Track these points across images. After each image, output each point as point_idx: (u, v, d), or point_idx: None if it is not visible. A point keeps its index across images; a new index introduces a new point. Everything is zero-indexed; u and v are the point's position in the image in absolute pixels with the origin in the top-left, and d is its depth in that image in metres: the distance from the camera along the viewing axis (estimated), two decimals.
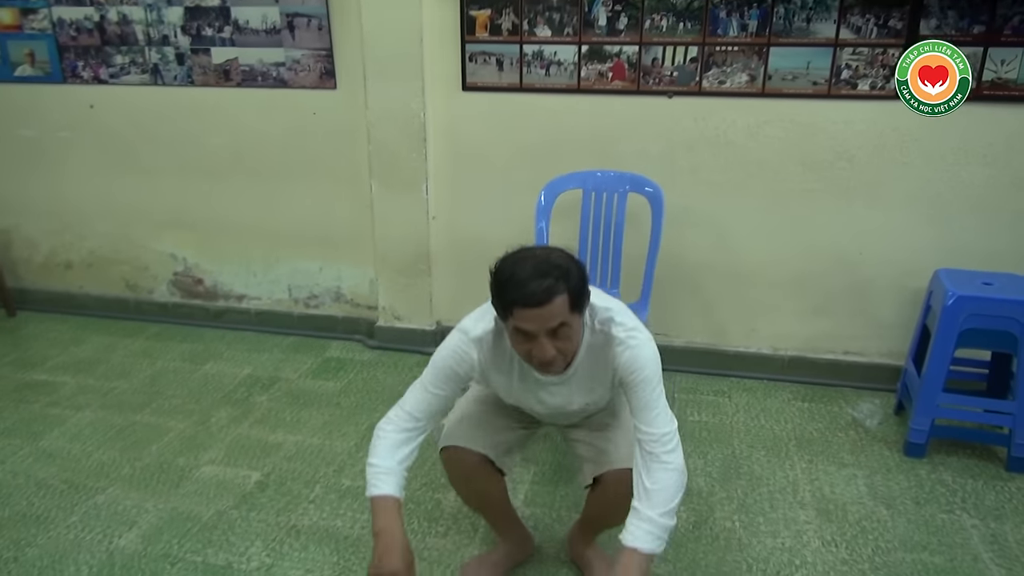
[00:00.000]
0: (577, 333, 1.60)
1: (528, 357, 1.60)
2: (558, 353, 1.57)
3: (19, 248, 3.91)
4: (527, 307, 1.49)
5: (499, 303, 1.56)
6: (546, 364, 1.58)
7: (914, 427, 2.61)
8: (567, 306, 1.52)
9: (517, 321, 1.53)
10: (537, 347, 1.54)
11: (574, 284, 1.52)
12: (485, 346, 1.72)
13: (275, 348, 3.52)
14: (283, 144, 3.40)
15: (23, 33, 3.50)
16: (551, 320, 1.51)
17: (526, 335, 1.54)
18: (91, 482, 2.52)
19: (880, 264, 2.98)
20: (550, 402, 1.79)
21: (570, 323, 1.54)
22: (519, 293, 1.49)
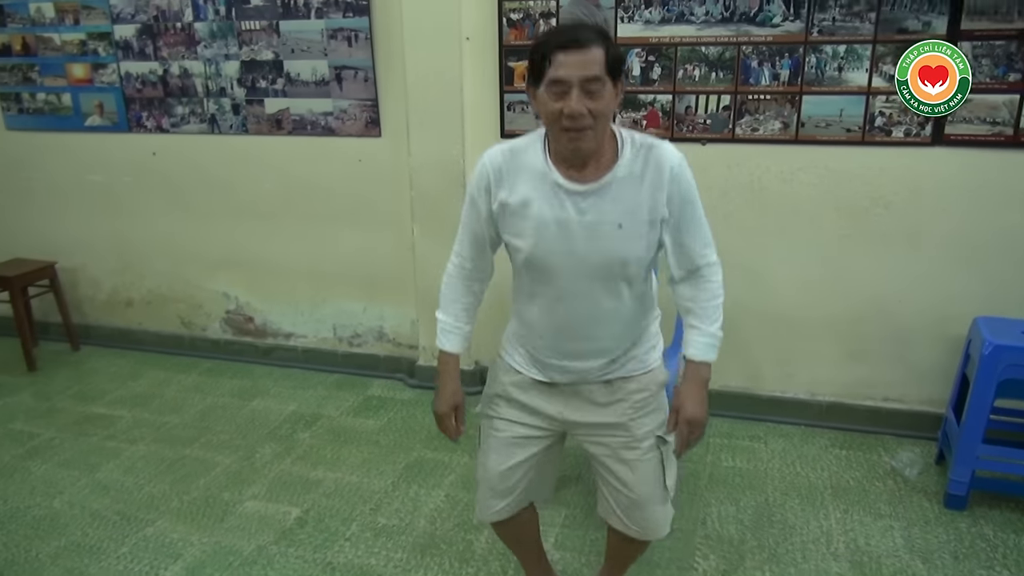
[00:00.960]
0: (610, 101, 1.54)
1: (558, 118, 1.52)
2: (588, 114, 1.50)
3: (84, 286, 4.14)
4: (566, 49, 1.48)
5: (536, 59, 1.53)
6: (576, 121, 1.50)
7: (954, 478, 2.56)
8: (603, 61, 1.50)
9: (554, 70, 1.49)
10: (568, 101, 1.49)
11: (611, 46, 1.53)
12: (503, 154, 1.66)
13: (319, 385, 3.64)
14: (330, 189, 3.55)
15: (93, 86, 3.75)
16: (588, 67, 1.48)
17: (561, 87, 1.49)
18: (142, 514, 2.65)
19: (919, 311, 2.94)
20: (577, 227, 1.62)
21: (604, 82, 1.51)
22: (559, 38, 1.50)
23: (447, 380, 1.84)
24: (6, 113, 3.94)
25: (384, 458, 2.98)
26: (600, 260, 1.64)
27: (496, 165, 1.65)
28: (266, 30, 3.41)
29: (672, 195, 1.62)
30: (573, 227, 1.62)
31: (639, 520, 1.85)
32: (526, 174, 1.63)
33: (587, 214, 1.61)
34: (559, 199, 1.61)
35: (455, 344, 1.84)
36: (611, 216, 1.61)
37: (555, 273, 1.66)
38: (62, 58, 3.75)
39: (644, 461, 1.80)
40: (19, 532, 2.56)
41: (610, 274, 1.66)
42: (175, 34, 3.54)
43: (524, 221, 1.64)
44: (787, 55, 2.83)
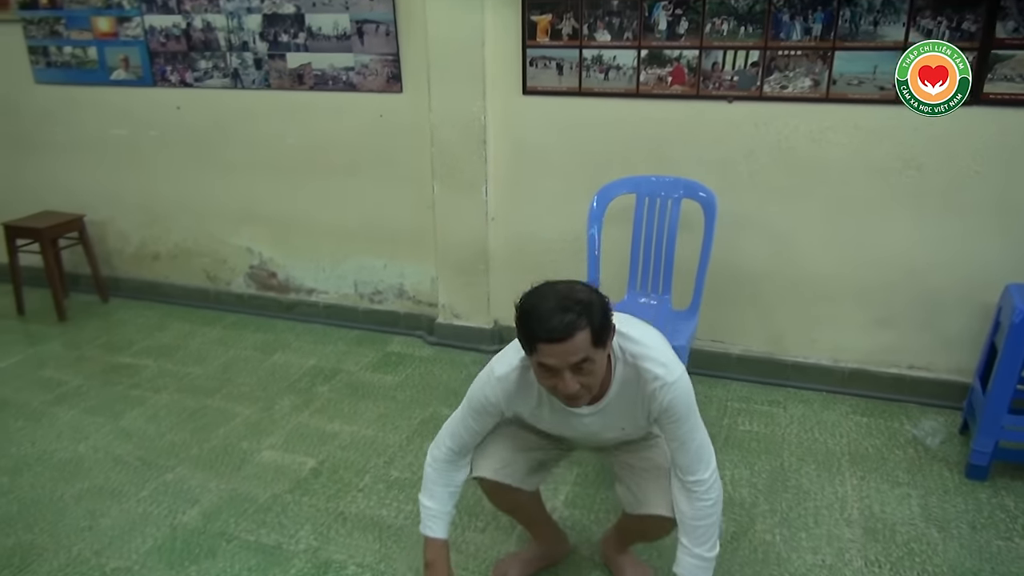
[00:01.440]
0: (601, 367, 1.59)
1: (553, 391, 1.61)
2: (582, 388, 1.57)
3: (113, 239, 4.20)
4: (550, 342, 1.50)
5: (523, 338, 1.57)
6: (570, 398, 1.60)
7: (976, 448, 2.50)
8: (589, 341, 1.52)
9: (540, 356, 1.54)
10: (561, 382, 1.55)
11: (596, 319, 1.52)
12: (510, 383, 1.74)
13: (340, 341, 3.67)
14: (351, 145, 3.54)
15: (119, 40, 3.76)
16: (573, 355, 1.51)
17: (550, 370, 1.55)
18: (162, 460, 2.71)
19: (950, 277, 2.86)
20: (584, 431, 1.80)
21: (593, 358, 1.54)
22: (541, 328, 1.50)
23: (441, 566, 1.86)
24: (34, 67, 3.97)
25: (400, 413, 3.00)
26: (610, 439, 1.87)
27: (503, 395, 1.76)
28: None
29: (660, 415, 1.69)
30: (578, 428, 1.80)
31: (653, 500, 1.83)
32: (533, 402, 1.77)
33: (591, 426, 1.78)
34: (561, 412, 1.75)
35: (443, 530, 1.89)
36: (613, 424, 1.78)
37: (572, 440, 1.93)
38: (87, 11, 3.76)
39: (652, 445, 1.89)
40: (45, 474, 2.63)
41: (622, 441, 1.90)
42: None
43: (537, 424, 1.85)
44: (820, 7, 2.72)
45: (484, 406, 1.78)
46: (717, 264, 2.95)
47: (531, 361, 1.59)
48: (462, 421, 1.85)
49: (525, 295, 1.58)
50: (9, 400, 3.13)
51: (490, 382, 1.76)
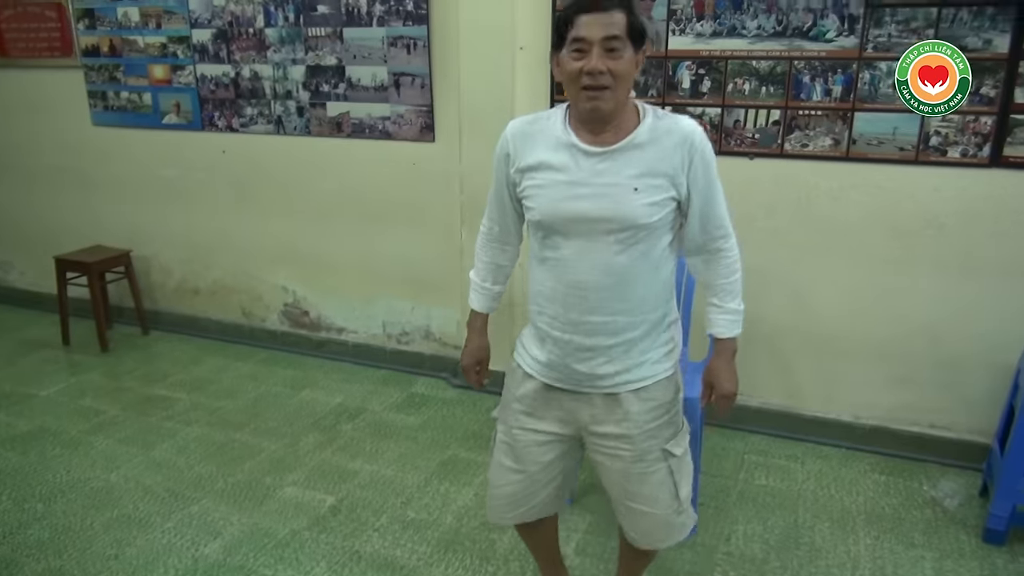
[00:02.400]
0: (630, 65, 1.58)
1: (578, 76, 1.57)
2: (608, 73, 1.55)
3: (156, 274, 4.39)
4: (589, 11, 1.55)
5: (560, 23, 1.60)
6: (595, 79, 1.56)
7: (994, 512, 2.47)
8: (625, 24, 1.57)
9: (575, 30, 1.56)
10: (589, 59, 1.55)
11: (634, 14, 1.59)
12: (524, 120, 1.75)
13: (366, 380, 3.76)
14: (385, 191, 3.67)
15: (172, 86, 3.98)
16: (609, 28, 1.55)
17: (581, 46, 1.56)
18: (189, 492, 2.81)
19: (971, 336, 2.85)
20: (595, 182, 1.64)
21: (625, 44, 1.57)
22: (583, 1, 1.57)
23: (473, 336, 2.03)
24: (93, 110, 4.22)
25: (420, 454, 3.07)
26: (614, 222, 1.64)
27: (515, 131, 1.74)
28: (331, 36, 3.55)
29: (695, 166, 1.65)
30: (587, 187, 1.64)
31: (641, 526, 1.86)
32: (545, 139, 1.69)
33: (603, 175, 1.64)
34: (575, 160, 1.65)
35: (483, 303, 2.01)
36: (627, 178, 1.63)
37: (567, 234, 1.68)
38: (145, 59, 3.99)
39: (651, 473, 1.80)
40: (77, 501, 2.75)
41: (622, 237, 1.65)
42: (247, 39, 3.72)
43: (538, 181, 1.69)
44: (840, 71, 2.78)
45: (500, 159, 1.78)
46: None
47: (563, 57, 1.60)
48: (492, 191, 1.86)
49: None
50: (49, 428, 3.28)
51: (506, 130, 1.77)
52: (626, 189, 1.62)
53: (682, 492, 1.83)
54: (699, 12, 2.91)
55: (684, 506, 1.85)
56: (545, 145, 1.68)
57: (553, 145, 1.67)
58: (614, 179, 1.63)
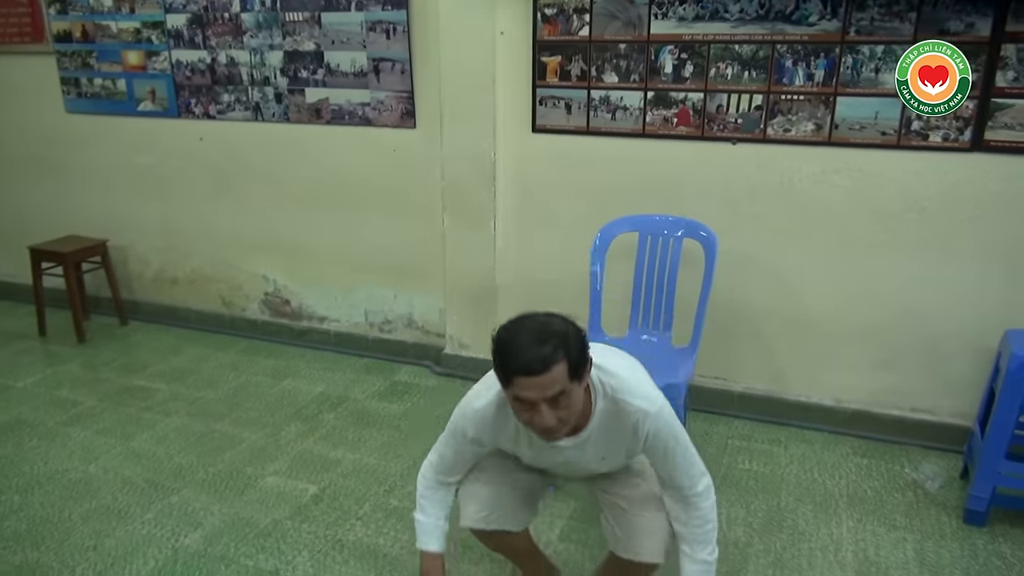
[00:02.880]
0: (578, 401, 1.59)
1: (530, 425, 1.59)
2: (559, 422, 1.56)
3: (134, 264, 4.33)
4: (526, 375, 1.49)
5: (499, 371, 1.56)
6: (547, 432, 1.58)
7: (974, 494, 2.49)
8: (566, 374, 1.51)
9: (516, 390, 1.52)
10: (537, 415, 1.53)
11: (573, 352, 1.52)
12: (487, 417, 1.75)
13: (349, 368, 3.73)
14: (366, 178, 3.63)
15: (147, 73, 3.91)
16: (550, 388, 1.50)
17: (525, 403, 1.54)
18: (169, 483, 2.77)
19: (952, 320, 2.87)
20: (564, 462, 1.81)
21: (569, 391, 1.54)
22: (517, 362, 1.50)
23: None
24: (66, 96, 4.13)
25: (403, 442, 3.05)
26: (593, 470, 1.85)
27: (480, 427, 1.77)
28: (308, 21, 3.50)
29: (649, 447, 1.71)
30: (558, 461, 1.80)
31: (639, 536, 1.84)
32: (511, 432, 1.76)
33: (572, 457, 1.77)
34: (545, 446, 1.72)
35: (437, 543, 1.92)
36: (594, 455, 1.77)
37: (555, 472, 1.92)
38: (118, 45, 3.92)
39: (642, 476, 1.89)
40: (55, 493, 2.71)
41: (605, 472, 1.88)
42: (223, 24, 3.66)
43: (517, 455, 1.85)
44: (822, 55, 2.78)
45: (465, 437, 1.79)
46: (721, 302, 2.99)
47: (507, 394, 1.58)
48: (447, 445, 1.86)
49: (501, 327, 1.57)
50: (26, 419, 3.22)
51: (467, 416, 1.77)
52: (595, 461, 1.79)
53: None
54: None
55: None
56: (513, 435, 1.77)
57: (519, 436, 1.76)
58: (579, 459, 1.78)
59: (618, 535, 1.88)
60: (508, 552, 2.11)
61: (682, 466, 1.73)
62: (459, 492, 1.94)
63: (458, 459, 1.87)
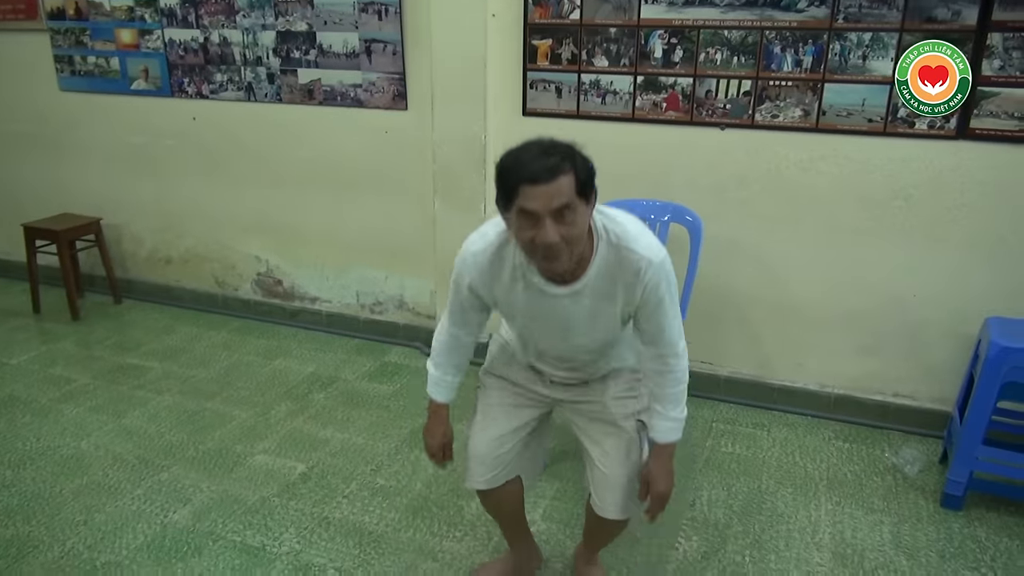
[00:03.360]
0: (583, 225, 1.53)
1: (532, 247, 1.52)
2: (562, 240, 1.49)
3: (128, 243, 4.35)
4: (533, 183, 1.44)
5: (503, 188, 1.50)
6: (550, 250, 1.50)
7: (951, 478, 2.53)
8: (573, 187, 1.47)
9: (522, 201, 1.46)
10: (541, 232, 1.47)
11: (581, 168, 1.49)
12: (484, 259, 1.70)
13: (340, 349, 3.77)
14: (357, 159, 3.64)
15: (140, 52, 3.90)
16: (557, 198, 1.45)
17: (530, 218, 1.48)
18: (159, 460, 2.81)
19: (935, 306, 2.89)
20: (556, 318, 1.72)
21: (575, 208, 1.48)
22: (525, 171, 1.45)
23: (439, 423, 1.99)
24: (60, 75, 4.13)
25: (391, 422, 3.09)
26: (579, 343, 1.80)
27: (474, 269, 1.72)
28: (301, 2, 3.49)
29: (645, 299, 1.68)
30: (551, 319, 1.74)
31: (612, 494, 1.90)
32: (507, 278, 1.70)
33: (567, 309, 1.70)
34: (542, 296, 1.69)
35: (446, 396, 1.98)
36: (586, 314, 1.71)
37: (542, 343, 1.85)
38: (111, 23, 3.91)
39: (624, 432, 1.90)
40: (47, 468, 2.75)
41: (589, 350, 1.84)
42: (216, 3, 3.65)
43: (511, 310, 1.78)
44: (811, 41, 2.78)
45: (462, 287, 1.76)
46: (708, 287, 3.02)
47: (510, 218, 1.53)
48: (452, 301, 1.84)
49: (505, 152, 1.53)
50: (19, 396, 3.26)
51: (466, 261, 1.73)
52: (584, 320, 1.72)
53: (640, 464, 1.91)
54: None
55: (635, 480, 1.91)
56: (509, 284, 1.71)
57: (517, 284, 1.70)
58: (575, 312, 1.70)
59: (588, 487, 1.96)
60: (504, 515, 2.14)
61: (670, 324, 1.73)
62: (467, 446, 1.98)
63: (463, 313, 1.83)
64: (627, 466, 1.89)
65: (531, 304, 1.72)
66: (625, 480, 1.88)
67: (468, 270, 1.73)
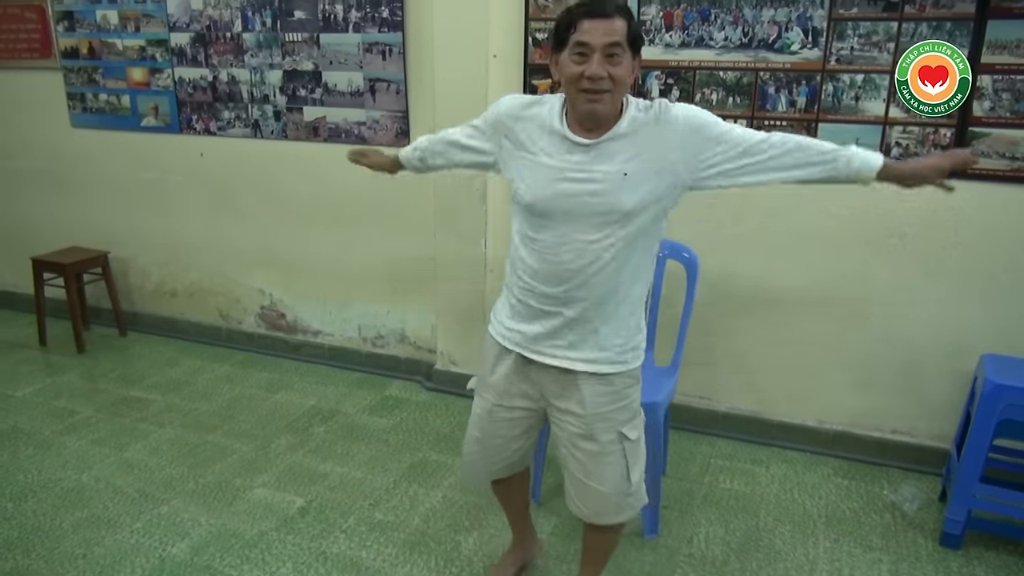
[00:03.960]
0: (627, 71, 1.67)
1: (579, 79, 1.65)
2: (607, 77, 1.64)
3: (134, 276, 4.40)
4: (592, 17, 1.64)
5: (562, 26, 1.68)
6: (596, 84, 1.64)
7: (950, 516, 2.53)
8: (625, 32, 1.65)
9: (579, 34, 1.64)
10: (589, 65, 1.63)
11: (632, 22, 1.68)
12: (522, 99, 1.87)
13: (341, 383, 3.79)
14: (360, 195, 3.70)
15: (150, 89, 4.00)
16: (611, 34, 1.63)
17: (583, 50, 1.64)
18: (159, 493, 2.83)
19: (931, 344, 2.91)
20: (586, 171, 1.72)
21: (623, 52, 1.66)
22: (587, 7, 1.65)
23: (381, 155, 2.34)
24: (71, 112, 4.23)
25: (391, 456, 3.10)
26: (602, 206, 1.72)
27: (511, 112, 1.84)
28: (307, 42, 3.58)
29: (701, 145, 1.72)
30: (578, 174, 1.73)
31: (591, 502, 1.95)
32: (538, 125, 1.78)
33: (593, 164, 1.72)
34: (567, 150, 1.74)
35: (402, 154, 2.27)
36: (616, 165, 1.71)
37: (554, 218, 1.76)
38: (123, 62, 4.01)
39: (606, 454, 1.90)
40: (48, 501, 2.76)
41: (609, 221, 1.73)
42: (225, 43, 3.75)
43: (530, 165, 1.78)
44: (804, 82, 2.84)
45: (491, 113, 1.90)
46: (705, 322, 3.04)
47: (562, 59, 1.68)
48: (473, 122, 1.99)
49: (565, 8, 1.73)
50: (23, 428, 3.29)
51: (506, 98, 1.90)
52: (616, 176, 1.71)
53: (633, 476, 1.93)
54: (668, 23, 2.96)
55: (635, 488, 1.95)
56: (538, 131, 1.78)
57: (546, 133, 1.77)
58: (603, 167, 1.71)
59: (572, 495, 2.00)
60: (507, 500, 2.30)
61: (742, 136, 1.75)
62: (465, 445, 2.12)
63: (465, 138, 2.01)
64: (617, 481, 1.92)
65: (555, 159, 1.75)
66: (619, 493, 1.92)
67: (508, 100, 1.88)
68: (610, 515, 1.96)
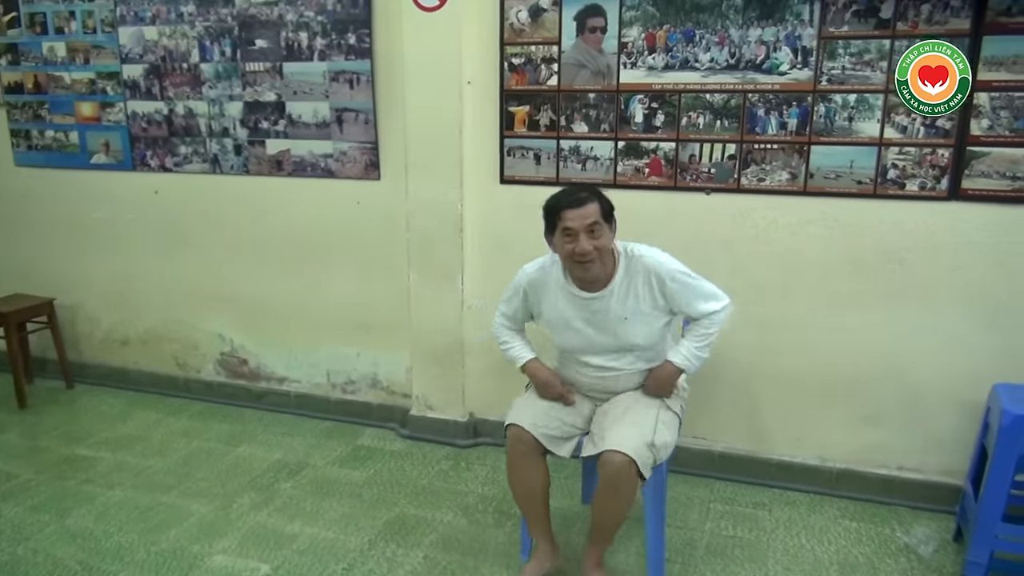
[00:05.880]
0: (608, 239, 2.19)
1: (571, 255, 2.16)
2: (593, 248, 2.14)
3: (82, 323, 4.10)
4: (570, 207, 2.14)
5: (550, 216, 2.21)
6: (584, 257, 2.15)
7: (971, 559, 2.35)
8: (599, 212, 2.16)
9: (563, 221, 2.15)
10: (578, 243, 2.13)
11: (604, 201, 2.21)
12: (535, 271, 2.37)
13: (309, 433, 3.52)
14: (328, 232, 3.49)
15: (101, 124, 3.76)
16: (588, 217, 2.14)
17: (569, 233, 2.15)
18: (105, 565, 2.53)
19: (936, 374, 2.76)
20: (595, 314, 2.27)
21: (602, 226, 2.16)
22: (563, 201, 2.17)
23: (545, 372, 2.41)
24: (15, 149, 3.97)
25: (365, 513, 2.84)
26: (613, 344, 2.30)
27: (531, 281, 2.38)
28: (270, 72, 3.40)
29: (667, 289, 2.25)
30: (589, 323, 2.29)
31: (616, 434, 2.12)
32: (552, 286, 2.34)
33: (598, 313, 2.27)
34: (577, 304, 2.29)
35: (531, 350, 2.47)
36: (617, 313, 2.26)
37: (581, 353, 2.35)
38: (71, 96, 3.78)
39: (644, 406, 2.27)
40: None
41: (621, 351, 2.31)
42: (181, 74, 3.55)
43: (553, 320, 2.35)
44: (795, 104, 2.73)
45: (519, 290, 2.40)
46: None
47: (554, 239, 2.22)
48: (510, 303, 2.45)
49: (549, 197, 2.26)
50: None
51: (525, 272, 2.40)
52: (618, 319, 2.26)
53: (658, 437, 2.15)
54: (650, 45, 2.84)
55: (658, 447, 2.14)
56: (553, 291, 2.33)
57: (559, 292, 2.32)
58: (606, 315, 2.27)
59: (594, 440, 2.19)
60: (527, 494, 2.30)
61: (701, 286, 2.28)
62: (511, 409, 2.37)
63: (514, 312, 2.46)
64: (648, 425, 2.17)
65: (571, 310, 2.30)
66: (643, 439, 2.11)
67: (525, 279, 2.40)
68: (628, 447, 2.07)
